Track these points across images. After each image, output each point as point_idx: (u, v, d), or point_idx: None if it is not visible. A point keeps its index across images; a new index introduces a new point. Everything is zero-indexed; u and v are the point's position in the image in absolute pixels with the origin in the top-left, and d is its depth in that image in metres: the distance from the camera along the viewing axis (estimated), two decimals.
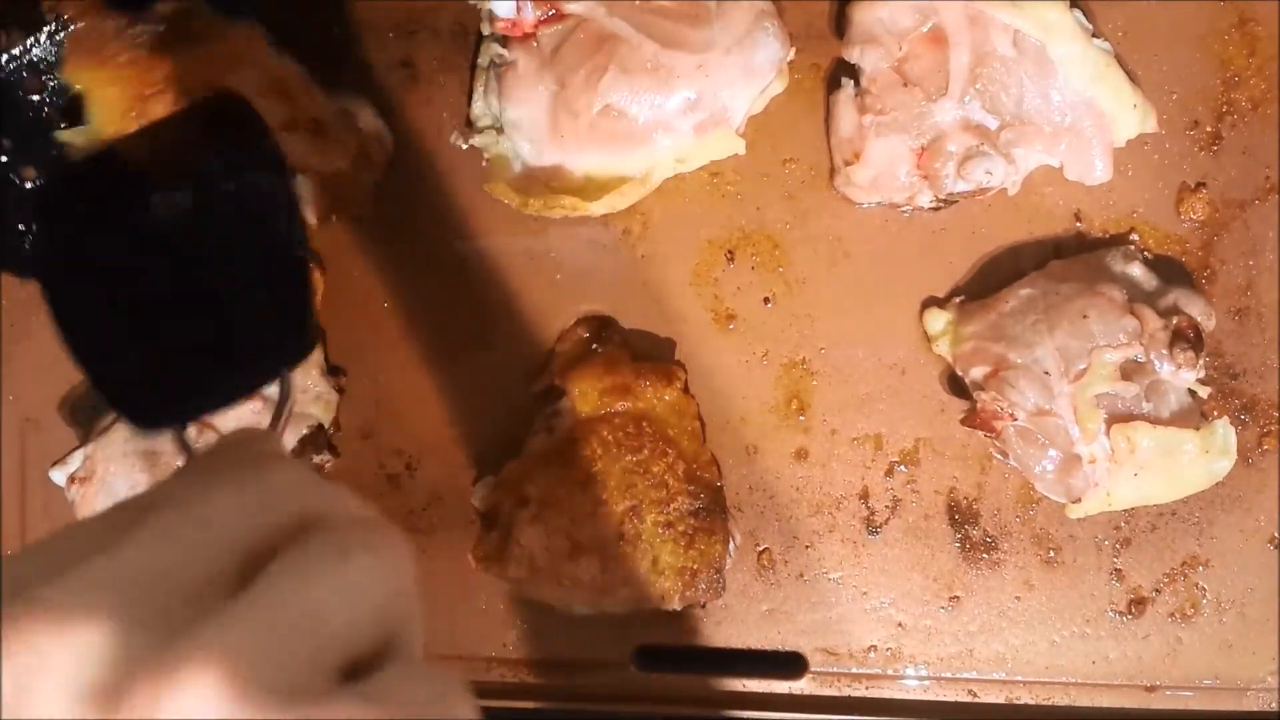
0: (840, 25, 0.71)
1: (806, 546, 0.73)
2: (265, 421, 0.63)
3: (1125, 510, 0.71)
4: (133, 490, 0.67)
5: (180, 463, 0.42)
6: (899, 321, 0.72)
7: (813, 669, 0.72)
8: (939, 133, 0.68)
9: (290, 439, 0.70)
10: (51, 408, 0.75)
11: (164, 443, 0.68)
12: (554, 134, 0.69)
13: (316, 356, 0.72)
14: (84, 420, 0.74)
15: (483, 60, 0.72)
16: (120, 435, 0.68)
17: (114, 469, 0.68)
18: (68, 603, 0.28)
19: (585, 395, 0.69)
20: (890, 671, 0.72)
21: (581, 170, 0.71)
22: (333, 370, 0.73)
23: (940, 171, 0.68)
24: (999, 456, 0.71)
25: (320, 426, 0.72)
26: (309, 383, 0.71)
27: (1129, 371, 0.65)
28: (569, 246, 0.73)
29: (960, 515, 0.72)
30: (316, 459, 0.71)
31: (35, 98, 0.64)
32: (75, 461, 0.69)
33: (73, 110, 0.65)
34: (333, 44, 0.74)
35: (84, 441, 0.70)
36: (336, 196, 0.70)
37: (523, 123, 0.70)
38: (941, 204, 0.71)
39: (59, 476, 0.70)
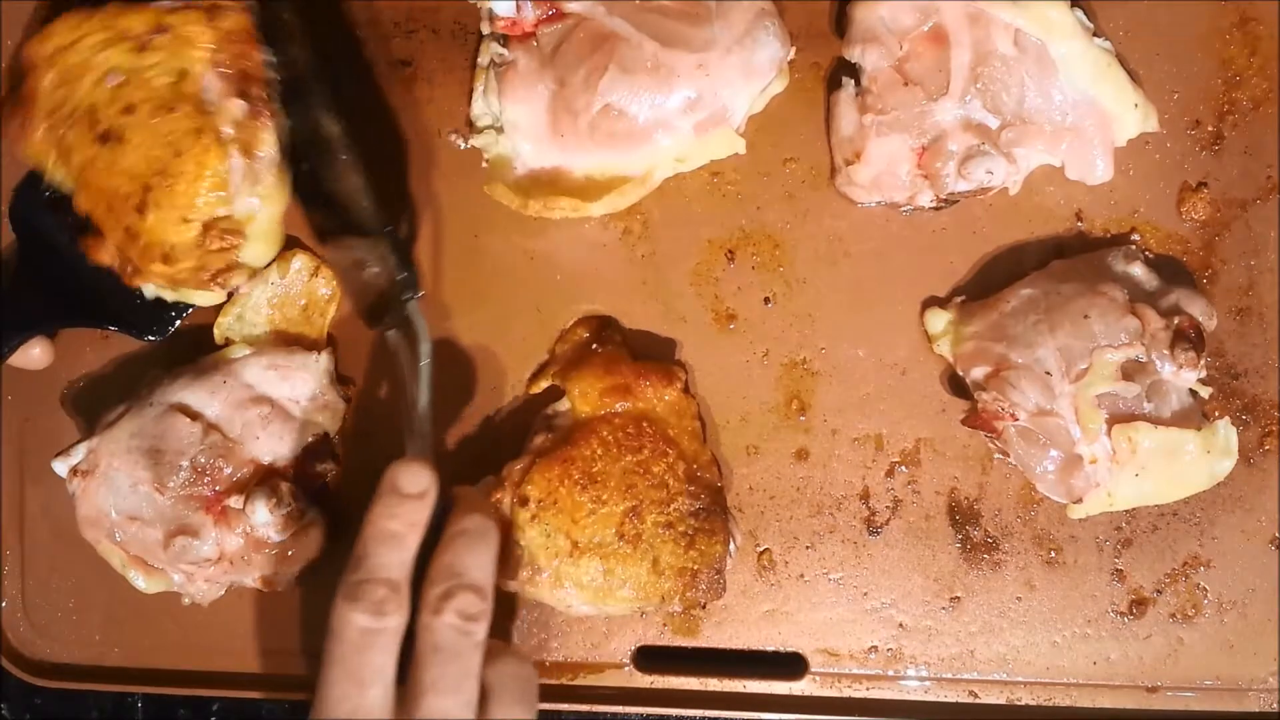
0: (841, 24, 0.71)
1: (807, 547, 0.72)
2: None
3: (1126, 510, 0.70)
4: (134, 487, 0.67)
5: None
6: (900, 321, 0.72)
7: (813, 669, 0.72)
8: (940, 132, 0.68)
9: (294, 447, 0.70)
10: (51, 408, 0.75)
11: (168, 441, 0.68)
12: (554, 134, 0.69)
13: (327, 364, 0.72)
14: (87, 413, 0.74)
15: (483, 60, 0.72)
16: (125, 430, 0.68)
17: (117, 464, 0.68)
18: None
19: (585, 395, 0.69)
20: (891, 672, 0.72)
21: (581, 170, 0.71)
22: (341, 380, 0.73)
23: (941, 171, 0.68)
24: (1000, 457, 0.71)
25: (325, 435, 0.72)
26: (318, 391, 0.71)
27: (1130, 371, 0.65)
28: (569, 246, 0.73)
29: (961, 515, 0.72)
30: (320, 467, 0.71)
31: None
32: (78, 454, 0.69)
33: None
34: (333, 44, 0.74)
35: (87, 434, 0.70)
36: None
37: (523, 122, 0.70)
38: (942, 203, 0.71)
39: (61, 468, 0.70)
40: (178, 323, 0.72)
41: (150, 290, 0.70)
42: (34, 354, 0.72)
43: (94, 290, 0.70)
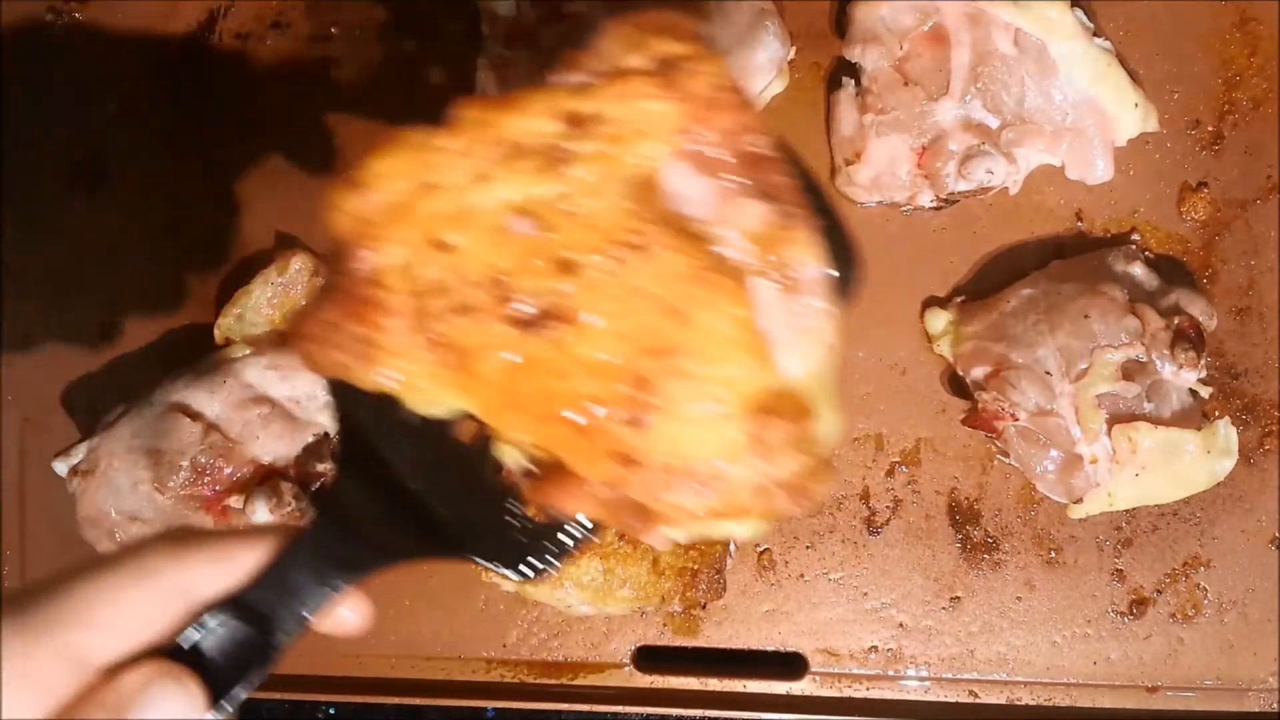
0: (841, 24, 0.71)
1: (807, 547, 0.72)
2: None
3: (1126, 510, 0.70)
4: (134, 487, 0.67)
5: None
6: (899, 321, 0.72)
7: (813, 669, 0.72)
8: (940, 132, 0.68)
9: (295, 447, 0.70)
10: (51, 407, 0.75)
11: (168, 441, 0.67)
12: None
13: None
14: (87, 413, 0.74)
15: (483, 60, 0.72)
16: (126, 430, 0.68)
17: (117, 464, 0.68)
18: None
19: None
20: (891, 672, 0.72)
21: None
22: None
23: (941, 171, 0.68)
24: (1000, 456, 0.71)
25: (325, 435, 0.72)
26: (318, 391, 0.71)
27: (1130, 371, 0.65)
28: None
29: (961, 515, 0.72)
30: (320, 467, 0.71)
31: None
32: (79, 454, 0.69)
33: None
34: (333, 43, 0.74)
35: (87, 434, 0.70)
36: None
37: None
38: (942, 203, 0.71)
39: (61, 468, 0.70)
40: (556, 562, 0.45)
41: (663, 537, 0.42)
42: (345, 615, 0.44)
43: (457, 509, 0.45)
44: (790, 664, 0.72)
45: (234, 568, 0.40)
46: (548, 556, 0.44)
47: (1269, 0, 0.71)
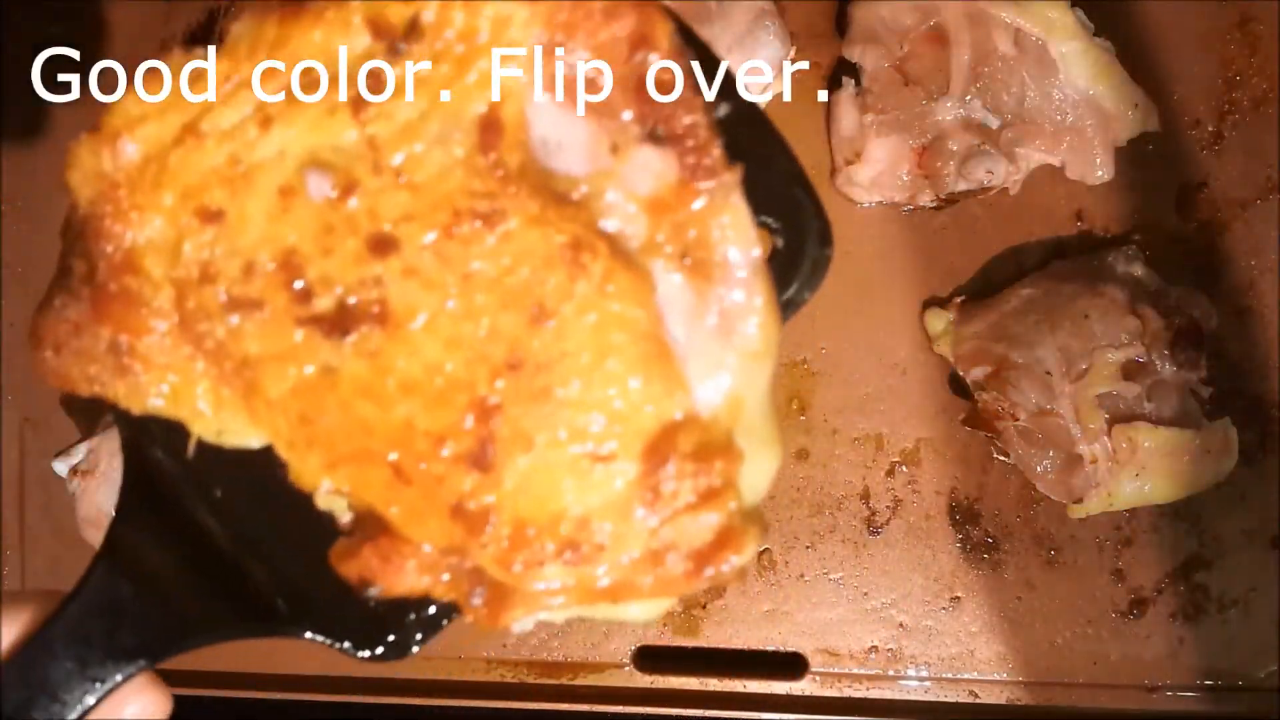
0: (841, 24, 0.71)
1: (807, 546, 0.72)
2: None
3: (1127, 510, 0.70)
4: None
5: None
6: (900, 321, 0.72)
7: (813, 669, 0.72)
8: (940, 132, 0.68)
9: None
10: (51, 408, 0.75)
11: None
12: None
13: None
14: (87, 413, 0.74)
15: None
16: None
17: (117, 463, 0.68)
18: None
19: None
20: (891, 672, 0.72)
21: None
22: None
23: (941, 171, 0.68)
24: (1000, 456, 0.71)
25: None
26: None
27: (1131, 371, 0.65)
28: None
29: (961, 515, 0.72)
30: None
31: None
32: (79, 454, 0.69)
33: None
34: None
35: (87, 434, 0.70)
36: None
37: None
38: (943, 203, 0.71)
39: (61, 468, 0.70)
40: (423, 642, 0.39)
41: (524, 621, 0.35)
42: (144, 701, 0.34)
43: (284, 571, 0.34)
44: (790, 664, 0.72)
45: None
46: (414, 633, 0.35)
47: (1269, 0, 0.71)
